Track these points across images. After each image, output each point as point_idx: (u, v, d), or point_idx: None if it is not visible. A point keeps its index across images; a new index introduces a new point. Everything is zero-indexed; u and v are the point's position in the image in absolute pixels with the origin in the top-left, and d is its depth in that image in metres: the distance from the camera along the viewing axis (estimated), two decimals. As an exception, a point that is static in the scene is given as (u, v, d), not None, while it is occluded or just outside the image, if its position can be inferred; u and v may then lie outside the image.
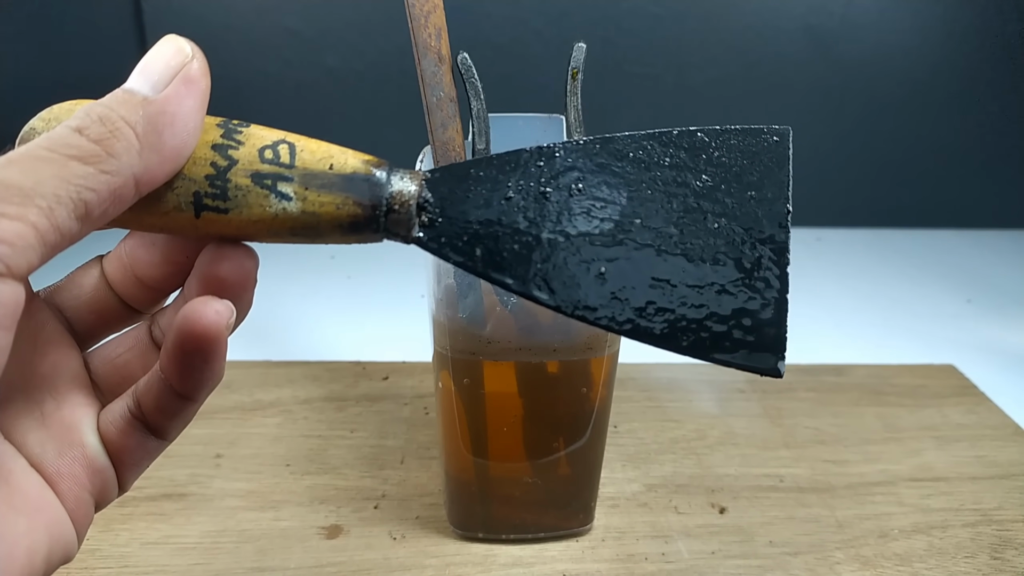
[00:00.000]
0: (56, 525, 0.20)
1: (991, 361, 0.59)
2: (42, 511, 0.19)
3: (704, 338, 0.21)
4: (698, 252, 0.21)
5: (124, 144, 0.17)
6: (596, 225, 0.21)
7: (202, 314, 0.19)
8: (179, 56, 0.19)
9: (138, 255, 0.22)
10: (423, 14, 0.29)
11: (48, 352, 0.21)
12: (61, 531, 0.20)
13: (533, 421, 0.36)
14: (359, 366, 0.55)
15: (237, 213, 0.19)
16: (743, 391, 0.54)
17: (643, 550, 0.39)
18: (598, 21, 0.76)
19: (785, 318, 0.21)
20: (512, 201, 0.21)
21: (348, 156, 0.20)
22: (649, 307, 0.21)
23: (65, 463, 0.20)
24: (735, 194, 0.21)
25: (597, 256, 0.21)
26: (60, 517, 0.20)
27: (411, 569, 0.37)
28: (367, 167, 0.20)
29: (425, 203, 0.20)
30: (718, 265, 0.21)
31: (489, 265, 0.20)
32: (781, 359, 0.21)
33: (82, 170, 0.16)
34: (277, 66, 0.76)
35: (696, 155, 0.21)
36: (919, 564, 0.39)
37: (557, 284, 0.20)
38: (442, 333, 0.34)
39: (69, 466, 0.20)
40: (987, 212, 0.89)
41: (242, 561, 0.37)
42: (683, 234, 0.21)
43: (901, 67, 0.80)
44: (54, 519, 0.20)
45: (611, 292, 0.20)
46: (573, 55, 0.33)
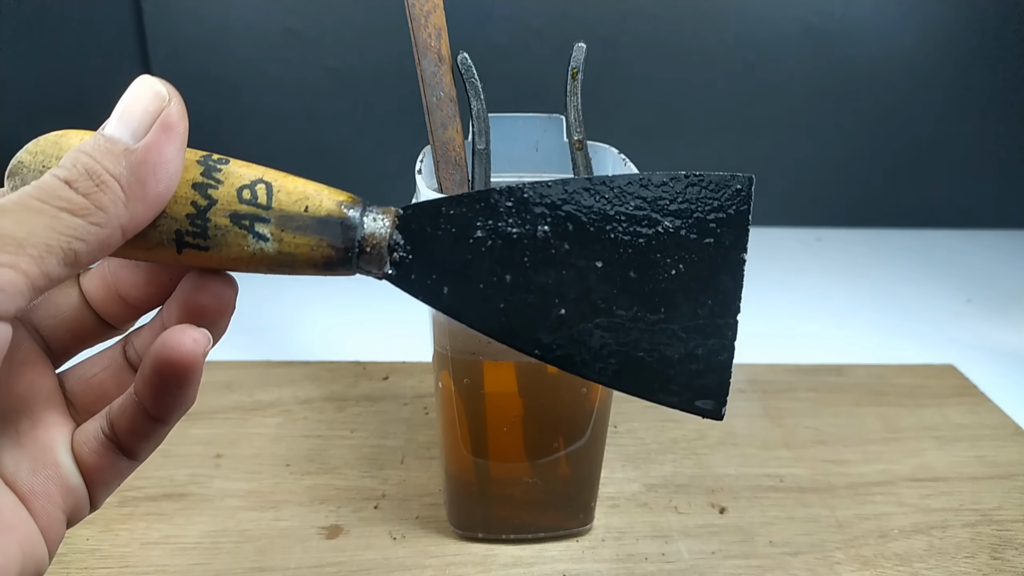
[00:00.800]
0: (29, 542, 0.20)
1: (991, 361, 0.59)
2: (15, 528, 0.20)
3: (652, 380, 0.21)
4: (654, 297, 0.21)
5: (111, 197, 0.18)
6: (559, 268, 0.21)
7: (180, 342, 0.19)
8: (157, 101, 0.19)
9: (122, 275, 0.22)
10: (423, 14, 0.29)
11: (24, 372, 0.22)
12: (34, 548, 0.20)
13: (533, 421, 0.36)
14: (359, 366, 0.55)
15: (217, 251, 0.20)
16: (743, 391, 0.54)
17: (643, 550, 0.39)
18: (598, 21, 0.76)
19: (731, 365, 0.22)
20: (479, 241, 0.21)
21: (323, 197, 0.21)
22: (604, 349, 0.21)
23: (39, 482, 0.21)
24: (694, 242, 0.22)
25: (559, 298, 0.21)
26: (33, 534, 0.20)
27: (411, 569, 0.37)
28: (340, 209, 0.21)
29: (395, 244, 0.21)
30: (672, 311, 0.21)
31: (455, 305, 0.21)
32: (723, 404, 0.21)
33: (72, 222, 0.17)
34: (277, 66, 0.76)
35: (660, 201, 0.22)
36: (919, 564, 0.39)
37: (518, 326, 0.21)
38: (442, 333, 0.34)
39: (43, 485, 0.21)
40: (987, 212, 0.89)
41: (242, 561, 0.37)
42: (641, 279, 0.21)
43: (901, 67, 0.80)
44: (27, 536, 0.20)
45: (570, 334, 0.21)
46: (573, 55, 0.33)
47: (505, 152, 0.36)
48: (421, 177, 0.31)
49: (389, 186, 0.80)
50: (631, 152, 0.35)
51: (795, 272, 0.76)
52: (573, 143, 0.34)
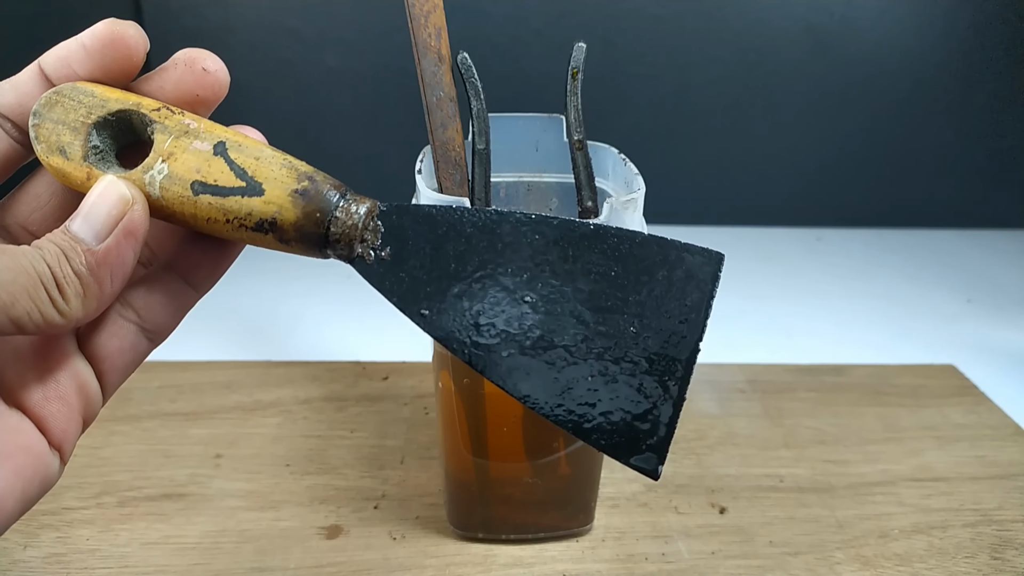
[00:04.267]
0: (30, 465, 0.20)
1: (991, 361, 0.59)
2: (12, 456, 0.20)
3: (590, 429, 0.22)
4: (609, 349, 0.22)
5: (73, 291, 0.19)
6: (516, 303, 0.22)
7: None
8: (120, 205, 0.20)
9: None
10: (423, 14, 0.29)
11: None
12: (36, 468, 0.20)
13: (533, 421, 0.36)
14: (359, 366, 0.55)
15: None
16: (743, 391, 0.54)
17: (643, 550, 0.39)
18: (598, 21, 0.76)
19: (674, 426, 0.22)
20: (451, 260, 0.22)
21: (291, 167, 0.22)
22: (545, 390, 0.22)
23: (52, 388, 0.21)
24: (659, 303, 0.22)
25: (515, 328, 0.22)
26: (36, 454, 0.20)
27: (411, 569, 0.37)
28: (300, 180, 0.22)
29: (369, 231, 0.22)
30: (624, 365, 0.22)
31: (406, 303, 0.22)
32: (661, 463, 0.22)
33: (44, 298, 0.19)
34: (277, 66, 0.76)
35: (631, 259, 0.22)
36: (919, 564, 0.39)
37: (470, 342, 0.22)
38: (442, 333, 0.34)
39: (56, 389, 0.21)
40: (987, 212, 0.89)
41: (242, 561, 0.37)
42: (599, 330, 0.22)
43: (901, 67, 0.80)
44: (28, 460, 0.20)
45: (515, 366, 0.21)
46: (573, 55, 0.33)
47: (505, 152, 0.36)
48: (421, 177, 0.31)
49: (389, 186, 0.80)
50: (631, 152, 0.35)
51: (795, 272, 0.76)
52: (573, 143, 0.34)
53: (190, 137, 0.22)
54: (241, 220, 0.21)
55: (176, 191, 0.21)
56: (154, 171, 0.21)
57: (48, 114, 0.21)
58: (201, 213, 0.21)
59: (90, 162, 0.21)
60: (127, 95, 0.22)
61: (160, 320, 0.23)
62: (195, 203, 0.21)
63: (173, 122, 0.22)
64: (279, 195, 0.21)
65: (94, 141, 0.22)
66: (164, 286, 0.23)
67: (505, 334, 0.21)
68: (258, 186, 0.21)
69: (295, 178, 0.21)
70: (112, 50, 0.21)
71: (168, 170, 0.21)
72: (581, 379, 0.21)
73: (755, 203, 0.86)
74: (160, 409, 0.49)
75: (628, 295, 0.22)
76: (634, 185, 0.32)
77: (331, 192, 0.22)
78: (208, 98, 0.23)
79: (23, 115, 0.22)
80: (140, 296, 0.23)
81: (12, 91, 0.22)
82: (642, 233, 0.22)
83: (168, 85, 0.23)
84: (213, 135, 0.22)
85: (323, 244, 0.22)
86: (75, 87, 0.22)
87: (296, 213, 0.21)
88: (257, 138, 0.23)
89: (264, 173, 0.21)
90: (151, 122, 0.22)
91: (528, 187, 0.38)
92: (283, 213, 0.21)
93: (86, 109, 0.22)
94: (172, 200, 0.21)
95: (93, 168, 0.21)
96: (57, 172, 0.22)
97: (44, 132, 0.21)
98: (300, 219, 0.21)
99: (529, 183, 0.38)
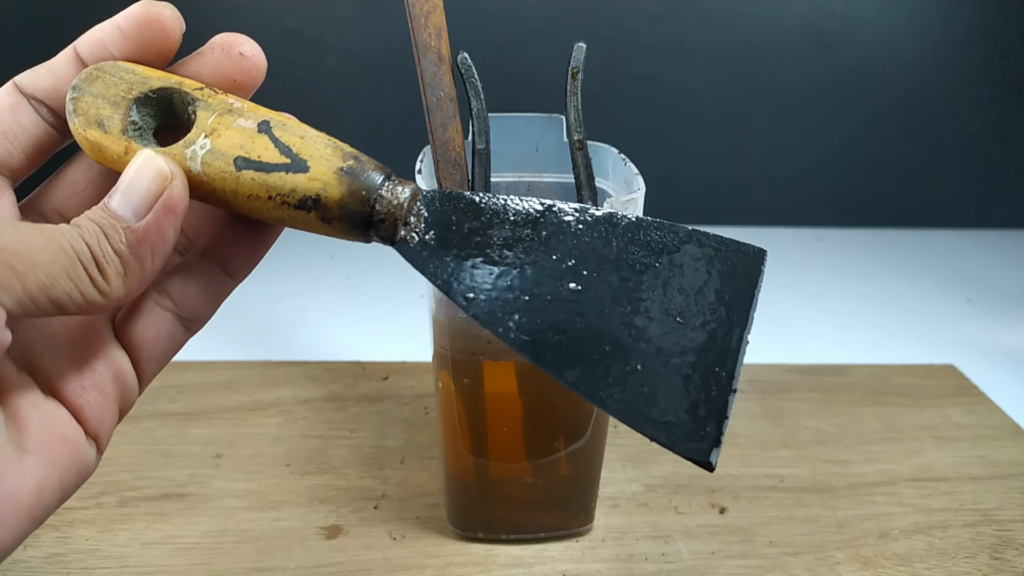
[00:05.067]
0: (67, 454, 0.20)
1: (991, 361, 0.59)
2: (49, 446, 0.20)
3: (640, 419, 0.21)
4: (656, 340, 0.22)
5: (113, 270, 0.19)
6: (562, 291, 0.22)
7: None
8: (159, 180, 0.20)
9: None
10: (423, 14, 0.29)
11: None
12: (72, 458, 0.20)
13: (533, 421, 0.36)
14: (359, 366, 0.55)
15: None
16: (743, 391, 0.54)
17: (643, 550, 0.39)
18: (598, 21, 0.76)
19: (725, 417, 0.21)
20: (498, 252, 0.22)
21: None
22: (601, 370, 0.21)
23: (89, 378, 0.21)
24: (704, 296, 0.22)
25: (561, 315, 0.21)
26: (73, 444, 0.20)
27: (411, 569, 0.37)
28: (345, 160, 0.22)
29: (415, 216, 0.22)
30: (673, 356, 0.21)
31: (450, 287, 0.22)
32: (715, 453, 0.21)
33: (84, 277, 0.18)
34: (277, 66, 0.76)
35: (674, 252, 0.22)
36: (919, 564, 0.39)
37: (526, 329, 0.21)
38: (442, 333, 0.34)
39: (93, 379, 0.21)
40: (987, 212, 0.89)
41: (242, 561, 0.37)
42: (645, 320, 0.22)
43: (901, 67, 0.80)
44: (65, 449, 0.20)
45: (562, 354, 0.21)
46: (573, 55, 0.33)
47: (505, 152, 0.36)
48: (421, 177, 0.31)
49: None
50: (631, 152, 0.35)
51: (795, 272, 0.76)
52: (573, 143, 0.34)
53: (234, 115, 0.21)
54: (284, 197, 0.21)
55: (218, 166, 0.21)
56: (196, 146, 0.21)
57: (88, 88, 0.21)
58: (243, 189, 0.21)
59: (128, 136, 0.21)
60: (168, 75, 0.22)
61: (197, 308, 0.23)
62: (237, 179, 0.21)
63: (216, 100, 0.22)
64: (324, 172, 0.21)
65: (133, 116, 0.21)
66: (201, 274, 0.23)
67: (551, 321, 0.21)
68: (303, 163, 0.21)
69: (340, 156, 0.21)
70: (148, 31, 0.21)
71: (211, 145, 0.21)
72: (629, 368, 0.21)
73: (755, 203, 0.86)
74: (160, 409, 0.49)
75: (672, 287, 0.22)
76: (634, 185, 0.32)
77: (376, 172, 0.21)
78: (246, 83, 0.23)
79: (59, 99, 0.22)
80: (177, 284, 0.22)
81: (48, 75, 0.22)
82: (685, 227, 0.22)
83: (205, 70, 0.22)
84: (257, 114, 0.22)
85: (367, 224, 0.21)
86: (116, 64, 0.22)
87: (341, 191, 0.21)
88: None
89: (309, 151, 0.21)
90: (193, 100, 0.21)
91: (528, 187, 0.38)
92: (328, 190, 0.21)
93: (127, 85, 0.21)
94: (213, 176, 0.21)
95: (132, 142, 0.21)
96: (93, 146, 0.21)
97: (83, 105, 0.21)
98: (345, 197, 0.21)
99: (529, 183, 0.38)
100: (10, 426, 0.19)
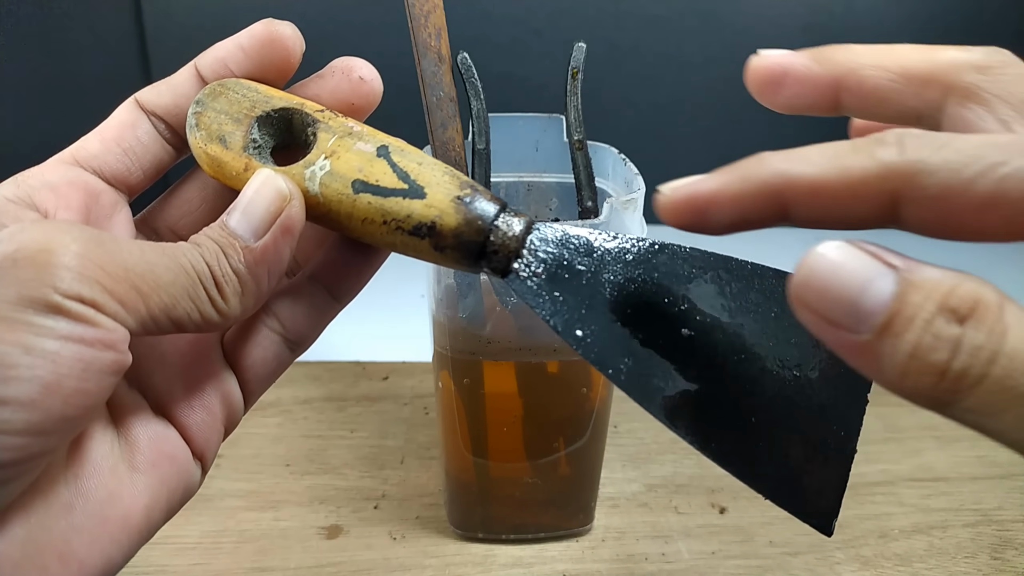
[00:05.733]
0: (175, 474, 0.20)
1: (991, 361, 0.59)
2: (158, 465, 0.20)
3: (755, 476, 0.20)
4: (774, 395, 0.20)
5: (231, 289, 0.19)
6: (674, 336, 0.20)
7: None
8: (278, 201, 0.20)
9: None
10: (423, 14, 0.29)
11: None
12: (180, 478, 0.20)
13: (533, 421, 0.36)
14: (359, 366, 0.55)
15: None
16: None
17: (643, 550, 0.39)
18: (598, 21, 0.76)
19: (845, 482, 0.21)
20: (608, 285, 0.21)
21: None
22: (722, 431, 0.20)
23: (198, 397, 0.21)
24: (821, 350, 0.21)
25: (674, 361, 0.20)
26: (180, 463, 0.20)
27: (411, 569, 0.37)
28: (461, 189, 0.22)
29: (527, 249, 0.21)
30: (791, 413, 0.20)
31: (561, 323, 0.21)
32: (834, 518, 0.20)
33: (203, 296, 0.18)
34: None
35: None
36: (919, 564, 0.39)
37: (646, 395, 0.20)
38: (442, 333, 0.34)
39: (202, 398, 0.21)
40: (987, 212, 0.89)
41: (242, 561, 0.37)
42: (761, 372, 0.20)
43: (901, 67, 0.80)
44: (173, 469, 0.20)
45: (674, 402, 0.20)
46: (573, 55, 0.33)
47: (505, 152, 0.36)
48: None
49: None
50: (631, 152, 0.35)
51: (795, 272, 0.76)
52: (573, 143, 0.34)
53: (354, 138, 0.21)
54: (399, 222, 0.21)
55: (336, 188, 0.21)
56: (315, 167, 0.21)
57: (212, 103, 0.21)
58: (359, 213, 0.21)
59: (249, 154, 0.21)
60: (290, 95, 0.22)
61: (303, 330, 0.23)
62: (354, 202, 0.21)
63: (337, 123, 0.22)
64: (441, 200, 0.21)
65: (254, 135, 0.21)
66: (308, 296, 0.23)
67: (663, 366, 0.20)
68: (420, 189, 0.21)
69: (458, 185, 0.21)
70: (270, 50, 0.22)
71: (331, 167, 0.21)
72: (744, 422, 0.20)
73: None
74: (160, 409, 0.49)
75: (788, 339, 0.21)
76: (634, 185, 0.32)
77: (492, 203, 0.21)
78: (363, 107, 0.23)
79: (179, 117, 0.22)
80: (285, 306, 0.22)
81: (169, 92, 0.22)
82: None
83: (324, 93, 0.23)
84: (376, 139, 0.22)
85: (479, 255, 0.21)
86: (239, 82, 0.22)
87: (457, 219, 0.21)
88: None
89: (427, 178, 0.21)
90: (314, 122, 0.22)
91: (528, 187, 0.38)
92: (444, 218, 0.21)
93: (250, 103, 0.21)
94: (331, 197, 0.21)
95: (251, 160, 0.21)
96: (212, 161, 0.21)
97: (205, 120, 0.21)
98: (461, 226, 0.21)
99: (529, 183, 0.38)
100: (123, 445, 0.19)
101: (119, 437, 0.19)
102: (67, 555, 0.17)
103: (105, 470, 0.19)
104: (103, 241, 0.17)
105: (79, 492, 0.18)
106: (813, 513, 0.20)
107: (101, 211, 0.21)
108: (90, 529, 0.18)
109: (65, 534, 0.17)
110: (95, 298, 0.16)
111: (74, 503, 0.18)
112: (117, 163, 0.21)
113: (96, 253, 0.16)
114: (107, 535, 0.18)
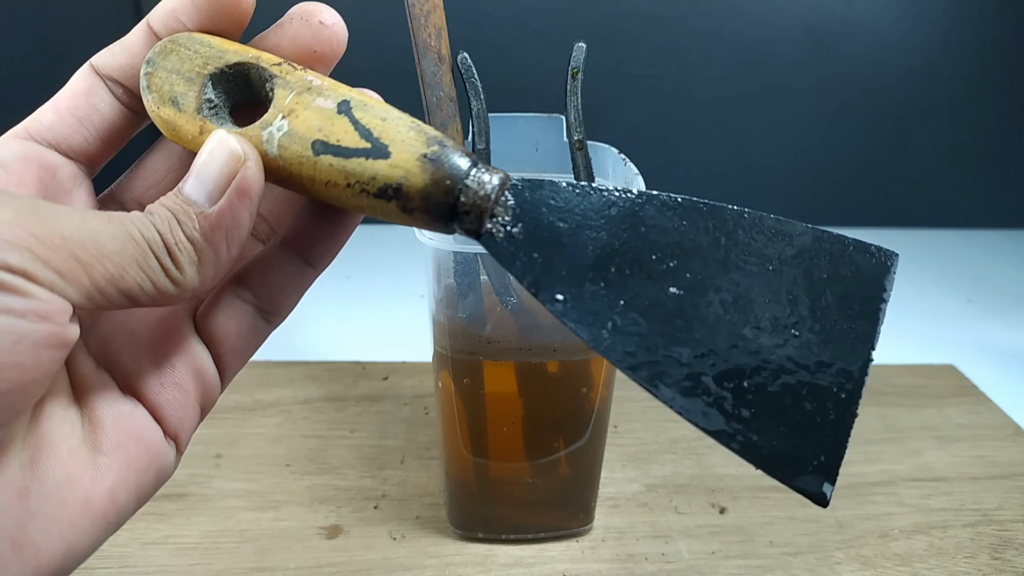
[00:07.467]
0: (144, 455, 0.19)
1: (991, 361, 0.59)
2: (124, 446, 0.19)
3: (747, 445, 0.19)
4: (768, 355, 0.19)
5: (187, 259, 0.18)
6: (661, 295, 0.19)
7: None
8: (232, 162, 0.19)
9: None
10: (423, 14, 0.29)
11: None
12: (150, 459, 0.20)
13: (533, 421, 0.36)
14: (359, 366, 0.55)
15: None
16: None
17: (643, 550, 0.39)
18: (598, 21, 0.76)
19: (844, 444, 0.19)
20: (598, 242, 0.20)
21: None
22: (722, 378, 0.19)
23: (168, 375, 0.20)
24: (822, 305, 0.20)
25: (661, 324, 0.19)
26: (149, 444, 0.20)
27: (411, 569, 0.37)
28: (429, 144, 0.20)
29: (502, 206, 0.20)
30: (786, 374, 0.19)
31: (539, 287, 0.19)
32: (831, 485, 0.19)
33: (155, 265, 0.17)
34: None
35: (789, 253, 0.20)
36: (919, 564, 0.39)
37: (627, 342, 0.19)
38: (442, 333, 0.34)
39: (172, 376, 0.20)
40: (987, 212, 0.89)
41: (242, 561, 0.37)
42: (755, 331, 0.19)
43: (901, 67, 0.80)
44: (141, 450, 0.19)
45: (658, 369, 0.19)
46: (573, 55, 0.33)
47: (505, 152, 0.36)
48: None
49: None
50: (631, 152, 0.35)
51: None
52: (573, 143, 0.34)
53: (313, 94, 0.20)
54: (363, 185, 0.19)
55: (295, 150, 0.19)
56: (273, 128, 0.20)
57: (162, 62, 0.20)
58: (320, 176, 0.19)
59: (204, 115, 0.20)
60: (246, 48, 0.21)
61: (277, 299, 0.22)
62: (315, 164, 0.19)
63: (295, 78, 0.20)
64: (406, 159, 0.19)
65: (208, 94, 0.20)
66: (281, 264, 0.22)
67: (648, 330, 0.19)
68: (384, 148, 0.19)
69: (424, 142, 0.19)
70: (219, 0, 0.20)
71: (288, 127, 0.19)
72: (736, 388, 0.19)
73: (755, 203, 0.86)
74: (160, 409, 0.49)
75: (785, 294, 0.20)
76: (634, 185, 0.32)
77: (462, 159, 0.19)
78: (326, 54, 0.22)
79: (135, 78, 0.20)
80: (257, 274, 0.22)
81: (123, 53, 0.21)
82: (801, 224, 0.20)
83: (284, 42, 0.21)
84: (337, 93, 0.20)
85: (450, 216, 0.20)
86: (192, 36, 0.20)
87: (424, 179, 0.19)
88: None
89: (391, 135, 0.19)
90: (271, 77, 0.20)
91: (528, 187, 0.38)
92: (410, 179, 0.19)
93: (202, 59, 0.20)
94: (290, 160, 0.19)
95: (207, 122, 0.20)
96: (167, 125, 0.20)
97: (156, 81, 0.20)
98: (428, 186, 0.19)
99: (529, 183, 0.38)
100: (86, 426, 0.19)
101: (83, 418, 0.19)
102: (20, 541, 0.17)
103: (64, 452, 0.18)
104: (38, 209, 0.16)
105: (35, 476, 0.17)
106: (810, 482, 0.19)
107: (59, 186, 0.20)
108: (47, 513, 0.17)
109: (19, 519, 0.17)
110: (25, 267, 0.15)
111: (30, 487, 0.17)
112: (73, 134, 0.20)
113: (29, 221, 0.15)
114: (66, 519, 0.17)
